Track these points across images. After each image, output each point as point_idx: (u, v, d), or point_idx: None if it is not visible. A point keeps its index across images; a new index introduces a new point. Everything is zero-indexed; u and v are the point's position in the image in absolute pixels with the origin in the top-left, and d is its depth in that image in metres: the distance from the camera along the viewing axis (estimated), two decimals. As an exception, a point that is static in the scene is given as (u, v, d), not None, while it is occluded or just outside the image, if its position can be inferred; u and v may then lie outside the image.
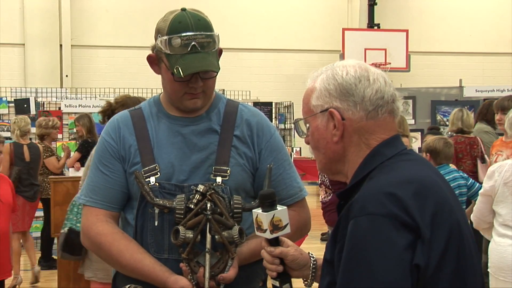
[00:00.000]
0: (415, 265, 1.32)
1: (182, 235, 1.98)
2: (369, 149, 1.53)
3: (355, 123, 1.53)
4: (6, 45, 12.77)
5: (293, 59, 14.35)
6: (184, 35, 2.04)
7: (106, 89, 10.56)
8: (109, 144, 2.18)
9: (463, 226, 1.46)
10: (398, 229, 1.33)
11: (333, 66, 1.61)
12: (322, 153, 1.60)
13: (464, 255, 1.42)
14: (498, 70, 14.76)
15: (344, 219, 1.42)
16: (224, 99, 2.27)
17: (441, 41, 14.88)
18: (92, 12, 13.45)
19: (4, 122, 8.96)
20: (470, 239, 1.48)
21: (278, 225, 1.72)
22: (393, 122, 1.57)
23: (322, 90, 1.57)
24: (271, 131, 2.25)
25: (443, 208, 1.41)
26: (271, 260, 1.76)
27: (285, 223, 1.73)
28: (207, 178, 2.10)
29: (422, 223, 1.35)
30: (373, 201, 1.38)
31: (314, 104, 1.59)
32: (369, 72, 1.56)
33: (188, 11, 2.10)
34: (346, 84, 1.54)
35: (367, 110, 1.53)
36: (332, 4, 14.76)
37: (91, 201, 2.16)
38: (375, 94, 1.53)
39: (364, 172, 1.51)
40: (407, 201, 1.36)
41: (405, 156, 1.54)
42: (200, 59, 2.04)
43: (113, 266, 2.18)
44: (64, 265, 4.91)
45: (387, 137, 1.55)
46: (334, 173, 1.64)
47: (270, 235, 1.72)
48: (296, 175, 2.27)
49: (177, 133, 2.16)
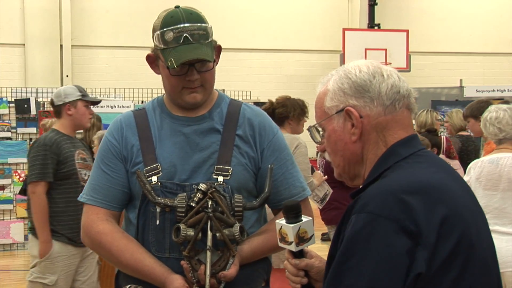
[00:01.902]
0: (416, 274, 1.29)
1: (183, 233, 1.99)
2: (386, 147, 1.50)
3: (373, 119, 1.50)
4: (6, 45, 12.77)
5: (293, 59, 14.34)
6: (176, 27, 2.05)
7: (106, 89, 10.56)
8: (112, 144, 2.19)
9: (476, 235, 1.41)
10: (397, 233, 1.31)
11: (344, 67, 1.57)
12: (340, 155, 1.56)
13: (473, 265, 1.37)
14: (499, 70, 14.75)
15: (347, 214, 1.41)
16: (227, 99, 2.28)
17: (442, 41, 14.87)
18: (93, 12, 13.45)
19: (5, 122, 8.95)
20: (486, 246, 1.44)
21: (303, 237, 1.65)
22: (410, 118, 1.55)
23: (336, 91, 1.54)
24: (274, 131, 2.25)
25: (454, 216, 1.37)
26: (296, 273, 1.69)
27: (311, 235, 1.66)
28: (208, 177, 2.11)
29: (427, 229, 1.32)
30: (377, 201, 1.36)
31: (328, 106, 1.55)
32: (382, 69, 1.54)
33: (182, 8, 2.12)
34: (361, 81, 1.51)
35: (384, 104, 1.50)
36: (332, 4, 14.75)
37: (92, 200, 2.17)
38: (391, 89, 1.51)
39: (378, 172, 1.48)
40: (413, 206, 1.33)
41: (421, 157, 1.50)
42: (192, 49, 2.05)
43: (114, 265, 2.19)
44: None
45: (405, 135, 1.52)
46: (352, 177, 1.60)
47: (296, 248, 1.65)
48: (299, 175, 2.27)
49: (179, 132, 2.16)
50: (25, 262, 6.05)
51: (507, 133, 3.88)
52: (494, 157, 3.91)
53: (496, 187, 3.83)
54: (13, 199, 8.84)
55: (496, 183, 3.83)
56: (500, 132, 3.89)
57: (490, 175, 3.85)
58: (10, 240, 8.89)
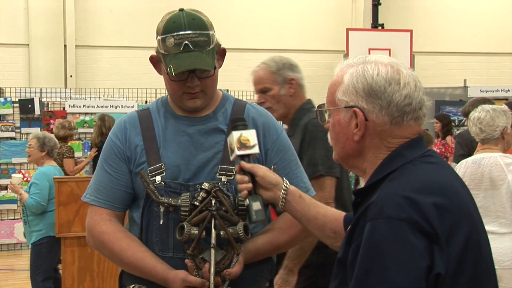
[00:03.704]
0: (436, 274, 1.31)
1: (187, 232, 1.99)
2: (389, 151, 1.51)
3: (378, 127, 1.50)
4: (10, 46, 12.79)
5: (297, 59, 14.18)
6: (177, 34, 2.05)
7: (110, 90, 10.58)
8: (115, 144, 2.20)
9: (480, 233, 1.44)
10: (415, 234, 1.32)
11: (365, 61, 1.55)
12: (341, 146, 1.57)
13: (481, 263, 1.40)
14: (503, 70, 14.72)
15: (361, 219, 1.41)
16: (232, 99, 2.28)
17: (446, 41, 14.85)
18: (97, 12, 13.46)
19: (9, 122, 8.97)
20: (487, 247, 1.47)
21: (245, 143, 1.90)
22: (416, 128, 1.53)
23: (349, 86, 1.52)
24: (278, 131, 2.24)
25: (462, 216, 1.40)
26: (241, 178, 1.87)
27: (253, 143, 1.91)
28: (212, 177, 2.11)
29: (441, 230, 1.34)
30: (392, 205, 1.36)
31: (339, 98, 1.54)
32: (400, 75, 1.51)
33: (185, 11, 2.10)
34: (376, 85, 1.49)
35: (392, 116, 1.49)
36: (336, 4, 14.74)
37: (96, 200, 2.18)
38: (403, 100, 1.49)
39: (383, 173, 1.48)
40: (426, 207, 1.35)
41: (428, 158, 1.51)
42: (192, 58, 2.04)
43: (116, 264, 2.20)
44: (68, 265, 4.92)
45: (411, 138, 1.52)
46: (350, 167, 1.62)
47: (238, 152, 1.90)
48: (303, 175, 2.26)
49: (183, 132, 2.17)
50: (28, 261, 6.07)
51: (487, 133, 3.97)
52: (477, 157, 4.01)
53: (479, 186, 3.92)
54: (17, 199, 8.86)
55: (479, 183, 3.93)
56: (481, 132, 3.98)
57: (473, 175, 3.95)
58: (14, 240, 8.91)
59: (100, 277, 4.96)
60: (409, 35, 12.25)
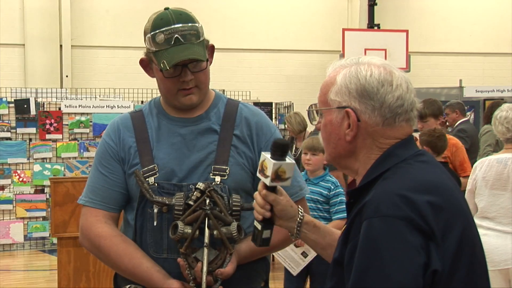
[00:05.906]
0: (432, 271, 1.33)
1: (181, 230, 1.99)
2: (381, 151, 1.52)
3: (370, 127, 1.51)
4: (6, 46, 12.75)
5: (293, 60, 14.32)
6: (166, 29, 2.06)
7: (106, 90, 10.56)
8: (109, 145, 2.20)
9: (473, 230, 1.46)
10: (411, 232, 1.34)
11: (358, 62, 1.56)
12: (332, 146, 1.58)
13: (476, 259, 1.42)
14: (498, 70, 14.74)
15: (356, 219, 1.42)
16: (225, 98, 2.28)
17: (441, 41, 14.86)
18: (93, 12, 13.43)
19: (4, 122, 8.95)
20: (480, 244, 1.49)
21: (281, 176, 1.72)
22: (407, 129, 1.55)
23: (342, 87, 1.53)
24: (271, 130, 2.24)
25: (456, 213, 1.41)
26: (263, 204, 1.76)
27: (288, 176, 1.74)
28: (206, 178, 2.11)
29: (436, 227, 1.35)
30: (388, 203, 1.37)
31: (332, 98, 1.55)
32: (393, 77, 1.52)
33: (171, 9, 2.12)
34: (368, 86, 1.50)
35: (384, 116, 1.50)
36: (332, 5, 14.74)
37: (90, 202, 2.18)
38: (396, 102, 1.50)
39: (376, 172, 1.49)
40: (422, 205, 1.36)
41: (420, 157, 1.52)
42: (183, 50, 2.05)
43: (112, 268, 2.20)
44: (64, 265, 4.92)
45: (402, 138, 1.53)
46: (341, 167, 1.63)
47: (270, 183, 1.73)
48: (297, 174, 2.26)
49: (176, 133, 2.17)
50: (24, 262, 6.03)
51: None
52: (502, 157, 3.96)
53: (505, 187, 3.89)
54: (13, 199, 8.84)
55: (505, 183, 3.90)
56: (508, 131, 3.94)
57: (499, 175, 3.91)
58: (10, 240, 8.88)
59: (96, 277, 4.95)
60: (405, 36, 12.26)
